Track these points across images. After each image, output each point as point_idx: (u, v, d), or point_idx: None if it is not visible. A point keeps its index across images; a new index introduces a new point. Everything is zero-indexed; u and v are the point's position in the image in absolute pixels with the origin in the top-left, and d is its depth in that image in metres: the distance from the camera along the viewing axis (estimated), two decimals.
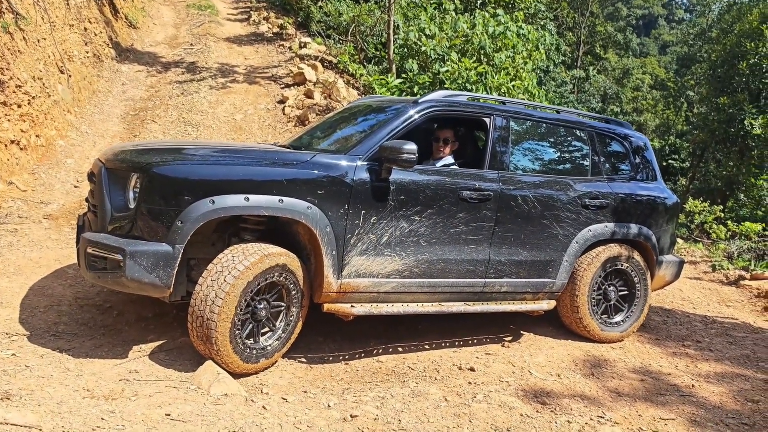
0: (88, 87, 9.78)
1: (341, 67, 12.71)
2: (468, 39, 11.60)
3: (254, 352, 3.83)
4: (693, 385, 4.33)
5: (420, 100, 4.51)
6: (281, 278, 3.86)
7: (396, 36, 12.58)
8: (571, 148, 5.27)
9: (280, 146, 4.89)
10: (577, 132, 5.25)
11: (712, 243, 10.91)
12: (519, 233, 4.65)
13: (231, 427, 3.06)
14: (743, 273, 8.63)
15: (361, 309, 4.12)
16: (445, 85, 10.94)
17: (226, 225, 3.99)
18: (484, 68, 11.17)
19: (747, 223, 12.03)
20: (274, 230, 4.10)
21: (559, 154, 5.20)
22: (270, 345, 3.93)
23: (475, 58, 11.54)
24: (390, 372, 4.14)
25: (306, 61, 12.44)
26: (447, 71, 11.07)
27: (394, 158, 3.95)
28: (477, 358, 4.42)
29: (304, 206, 3.81)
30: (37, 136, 7.35)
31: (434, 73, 11.29)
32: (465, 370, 4.19)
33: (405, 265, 4.24)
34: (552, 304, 4.98)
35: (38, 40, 7.95)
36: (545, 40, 13.38)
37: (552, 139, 5.17)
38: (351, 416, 3.37)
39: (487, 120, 4.71)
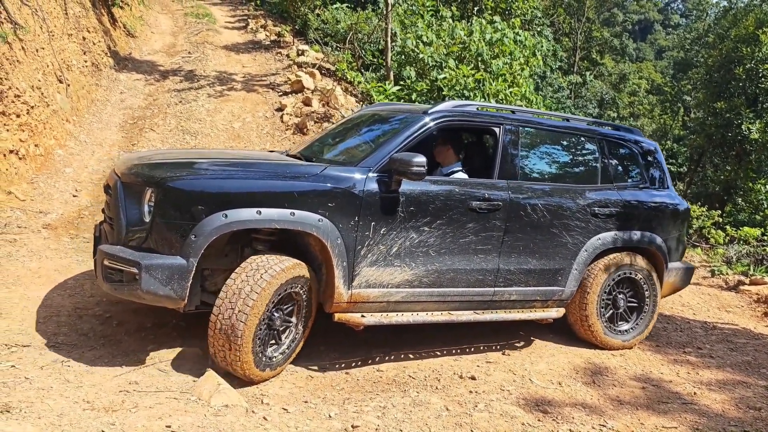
0: (87, 96, 9.78)
1: (339, 75, 12.74)
2: (465, 46, 11.63)
3: (265, 360, 3.89)
4: (695, 393, 4.32)
5: (430, 111, 4.51)
6: (299, 289, 3.94)
7: (393, 43, 12.62)
8: (580, 156, 5.27)
9: (290, 155, 4.94)
10: (587, 140, 5.24)
11: (711, 248, 10.92)
12: (528, 242, 4.66)
13: None
14: (742, 278, 8.64)
15: (371, 319, 4.16)
16: (443, 92, 10.97)
17: (238, 236, 4.01)
18: (481, 75, 11.19)
19: (745, 228, 12.05)
20: (286, 240, 4.13)
21: (568, 162, 5.20)
22: (275, 357, 3.97)
23: (472, 65, 11.57)
24: (391, 381, 4.13)
25: (304, 69, 12.47)
26: (444, 78, 11.09)
27: (403, 170, 3.98)
28: (478, 366, 4.41)
29: (315, 219, 3.85)
30: (35, 145, 7.35)
31: (432, 80, 11.32)
32: (466, 378, 4.18)
33: (415, 275, 4.27)
34: (561, 311, 4.99)
35: (37, 50, 7.96)
36: (542, 46, 13.43)
37: (561, 148, 5.17)
38: (352, 426, 3.36)
39: (496, 129, 4.72)
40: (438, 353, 4.72)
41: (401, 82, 11.93)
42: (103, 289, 3.88)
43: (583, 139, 5.23)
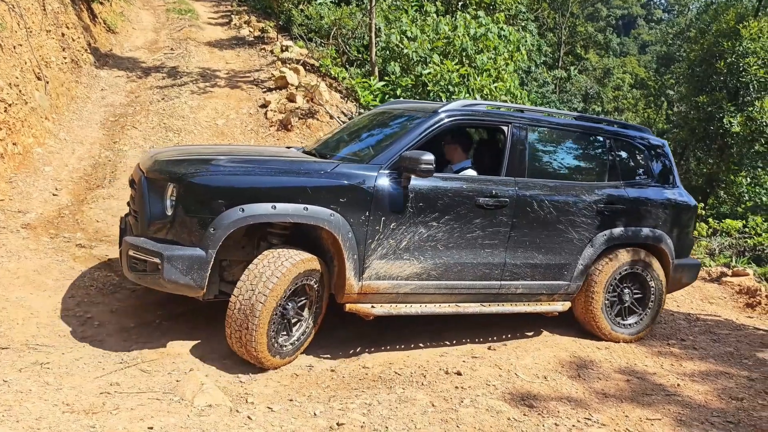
0: (67, 93, 9.64)
1: (323, 71, 12.66)
2: (450, 41, 11.60)
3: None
4: (678, 385, 4.35)
5: (440, 110, 4.65)
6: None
7: (378, 39, 12.56)
8: (588, 154, 5.37)
9: (305, 152, 5.15)
10: (595, 137, 5.33)
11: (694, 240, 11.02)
12: (535, 238, 4.79)
13: None
14: (725, 270, 8.73)
15: (381, 309, 4.37)
16: (428, 88, 10.94)
17: (255, 229, 4.24)
18: (466, 70, 11.18)
19: (728, 220, 12.18)
20: (300, 234, 4.33)
21: (576, 159, 5.31)
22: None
23: (457, 60, 11.55)
24: (376, 378, 4.11)
25: (288, 65, 12.37)
26: (429, 73, 11.06)
27: (413, 168, 4.17)
28: (464, 362, 4.40)
29: (327, 213, 4.04)
30: (14, 144, 7.22)
31: (417, 76, 11.29)
32: (452, 374, 4.17)
33: (423, 268, 4.44)
34: (567, 305, 5.10)
35: (14, 47, 7.82)
36: (526, 41, 13.44)
37: (569, 145, 5.27)
38: (337, 424, 3.33)
39: (505, 128, 4.84)
40: (422, 345, 4.72)
41: (386, 78, 11.89)
42: (129, 277, 4.16)
43: (591, 137, 5.32)
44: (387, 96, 11.36)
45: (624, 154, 5.42)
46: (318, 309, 4.35)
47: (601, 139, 5.32)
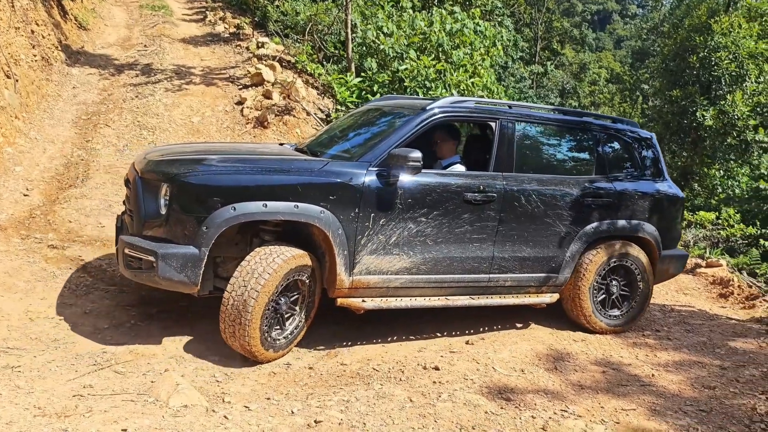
0: (37, 91, 9.46)
1: (300, 67, 12.59)
2: (426, 37, 11.61)
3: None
4: (653, 375, 4.41)
5: (428, 107, 4.71)
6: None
7: (354, 35, 12.52)
8: (575, 148, 5.45)
9: (297, 149, 5.22)
10: (582, 132, 5.39)
11: None
12: (522, 231, 4.87)
13: None
14: (699, 261, 8.87)
15: (371, 303, 4.46)
16: (405, 83, 10.93)
17: (247, 227, 4.31)
18: (442, 66, 11.20)
19: (701, 213, 12.38)
20: (292, 231, 4.40)
21: (563, 154, 5.40)
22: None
23: (433, 55, 11.56)
24: (354, 375, 4.10)
25: (264, 62, 12.28)
26: (406, 69, 11.06)
27: (401, 165, 4.29)
28: (441, 356, 4.41)
29: (317, 211, 4.13)
30: None
31: (393, 72, 11.27)
32: (430, 369, 4.17)
33: (412, 262, 4.53)
34: (555, 297, 5.20)
35: None
36: (503, 36, 13.52)
37: (556, 140, 5.37)
38: (315, 422, 3.32)
39: (492, 124, 4.91)
40: (401, 344, 4.72)
41: (363, 74, 11.86)
42: (125, 275, 4.26)
43: (578, 131, 5.38)
44: (364, 92, 11.33)
45: (611, 148, 5.48)
46: (311, 303, 4.42)
47: (589, 133, 5.37)
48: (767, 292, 7.79)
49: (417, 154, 4.25)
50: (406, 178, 4.39)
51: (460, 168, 4.98)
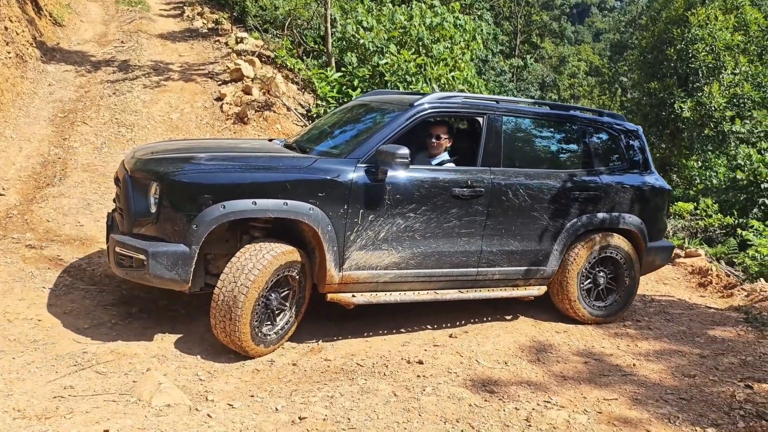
0: (12, 89, 9.29)
1: (279, 62, 12.51)
2: (406, 31, 11.59)
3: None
4: (634, 365, 4.46)
5: (416, 103, 4.73)
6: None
7: (334, 29, 12.47)
8: (562, 142, 5.49)
9: (285, 146, 5.20)
10: (569, 126, 5.42)
11: None
12: (510, 225, 4.93)
13: None
14: (678, 251, 8.98)
15: (361, 298, 4.51)
16: (385, 78, 10.91)
17: (237, 224, 4.31)
18: (423, 60, 11.19)
19: (680, 203, 12.53)
20: (281, 227, 4.43)
21: (550, 147, 5.44)
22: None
23: (413, 49, 11.55)
24: (338, 370, 4.10)
25: (243, 57, 12.18)
26: (386, 63, 11.04)
27: (389, 162, 4.30)
28: (425, 350, 4.43)
29: (306, 208, 4.16)
30: None
31: (374, 66, 11.25)
32: (414, 363, 4.19)
33: (402, 257, 4.58)
34: (543, 289, 5.26)
35: None
36: (482, 30, 13.55)
37: (544, 134, 5.41)
38: (299, 418, 3.31)
39: (480, 119, 4.94)
40: (384, 338, 4.73)
41: (343, 69, 11.82)
42: (116, 273, 4.32)
43: (565, 125, 5.43)
44: (344, 87, 11.29)
45: (598, 141, 5.54)
46: (301, 299, 4.45)
47: (575, 126, 5.41)
48: (744, 281, 7.93)
49: (405, 150, 4.27)
50: (394, 174, 4.43)
51: (449, 164, 5.00)
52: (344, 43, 12.09)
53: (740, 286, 7.44)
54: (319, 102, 11.27)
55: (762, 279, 7.95)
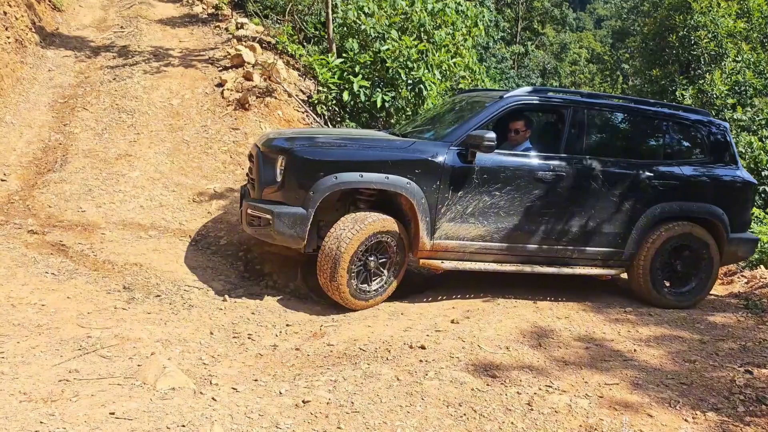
0: (11, 75, 9.25)
1: (280, 48, 12.43)
2: (407, 16, 11.51)
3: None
4: (634, 350, 4.48)
5: (506, 96, 5.35)
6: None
7: (335, 15, 12.38)
8: (643, 134, 5.94)
9: (391, 133, 5.95)
10: (649, 120, 5.86)
11: None
12: (589, 209, 5.45)
13: (180, 421, 2.98)
14: None
15: (449, 265, 5.20)
16: (387, 64, 10.85)
17: (346, 195, 5.14)
18: (424, 46, 11.13)
19: None
20: (384, 200, 5.14)
21: (631, 139, 5.90)
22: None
23: (415, 35, 11.47)
24: (341, 355, 4.13)
25: (244, 43, 12.10)
26: (388, 50, 10.97)
27: (477, 144, 4.91)
28: (427, 335, 4.45)
29: (404, 182, 4.89)
30: None
31: (375, 52, 11.17)
32: (416, 348, 4.21)
33: (486, 231, 5.20)
34: (620, 270, 5.73)
35: None
36: (484, 16, 13.44)
37: (625, 127, 5.92)
38: (303, 402, 3.34)
39: (564, 111, 5.51)
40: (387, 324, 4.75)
41: (344, 55, 11.73)
42: (247, 231, 5.19)
43: (646, 119, 5.85)
44: (345, 73, 11.23)
45: (680, 135, 5.95)
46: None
47: (656, 121, 5.83)
48: (744, 268, 7.95)
49: (492, 135, 4.83)
50: (482, 156, 5.02)
51: (531, 151, 5.46)
52: (345, 29, 12.00)
53: (740, 273, 7.46)
54: (320, 88, 11.22)
55: (762, 266, 7.96)
